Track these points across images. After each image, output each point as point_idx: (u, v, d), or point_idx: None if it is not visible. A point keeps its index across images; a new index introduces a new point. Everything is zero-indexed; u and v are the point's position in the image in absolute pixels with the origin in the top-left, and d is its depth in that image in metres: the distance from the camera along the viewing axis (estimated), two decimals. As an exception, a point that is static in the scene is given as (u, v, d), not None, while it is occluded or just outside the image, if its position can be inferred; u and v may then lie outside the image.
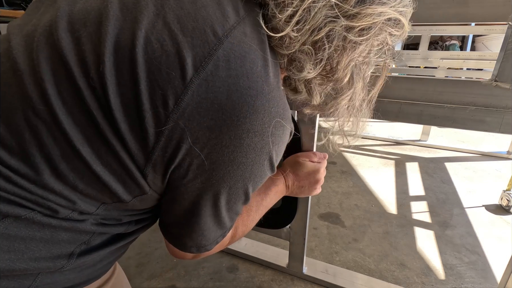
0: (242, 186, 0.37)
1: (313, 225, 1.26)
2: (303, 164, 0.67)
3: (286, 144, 0.40)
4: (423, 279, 0.99)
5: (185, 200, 0.37)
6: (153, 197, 0.37)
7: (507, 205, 1.36)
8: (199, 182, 0.34)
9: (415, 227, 1.25)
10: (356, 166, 1.82)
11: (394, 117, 0.66)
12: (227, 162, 0.33)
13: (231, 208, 0.39)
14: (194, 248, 0.41)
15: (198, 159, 0.32)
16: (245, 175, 0.35)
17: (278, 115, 0.34)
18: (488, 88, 0.56)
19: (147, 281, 0.98)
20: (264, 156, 0.35)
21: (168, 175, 0.34)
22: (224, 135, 0.31)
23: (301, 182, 0.66)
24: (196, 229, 0.39)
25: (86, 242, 0.36)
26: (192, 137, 0.31)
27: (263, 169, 0.37)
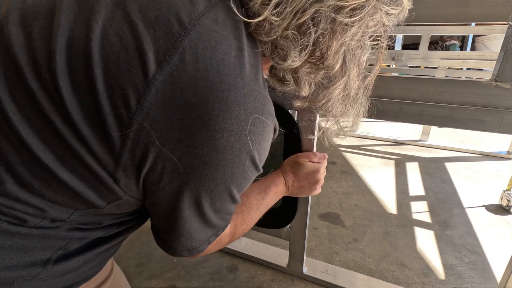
0: (224, 189, 0.34)
1: (313, 225, 1.26)
2: (303, 164, 0.66)
3: (271, 141, 0.38)
4: (423, 279, 0.99)
5: (165, 204, 0.34)
6: (130, 202, 0.34)
7: (507, 205, 1.36)
8: (176, 186, 0.32)
9: (415, 227, 1.25)
10: (356, 166, 1.82)
11: (394, 117, 0.66)
12: (203, 165, 0.31)
13: (218, 210, 0.37)
14: (185, 252, 0.39)
15: (171, 163, 0.30)
16: (225, 177, 0.33)
17: (256, 111, 0.31)
18: (488, 88, 0.56)
19: (147, 281, 0.98)
20: (244, 157, 0.32)
21: (141, 180, 0.31)
22: (196, 136, 0.29)
23: (301, 183, 0.65)
24: (183, 233, 0.36)
25: (63, 247, 0.34)
26: (160, 139, 0.28)
27: (245, 170, 0.34)
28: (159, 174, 0.30)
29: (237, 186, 0.36)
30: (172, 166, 0.30)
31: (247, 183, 0.38)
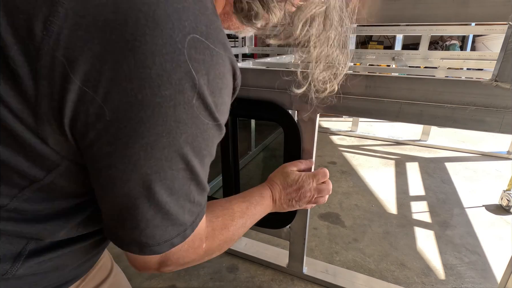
0: (173, 148, 0.27)
1: (313, 225, 1.26)
2: (291, 173, 0.64)
3: (232, 93, 0.31)
4: (423, 279, 0.99)
5: (100, 176, 0.27)
6: (72, 169, 0.28)
7: (507, 205, 1.36)
8: (106, 143, 0.25)
9: (415, 227, 1.25)
10: (356, 166, 1.82)
11: (394, 117, 0.66)
12: (135, 107, 0.24)
13: (173, 189, 0.29)
14: (135, 246, 0.31)
15: (94, 105, 0.23)
16: (168, 125, 0.25)
17: (195, 31, 0.25)
18: (488, 88, 0.56)
19: (147, 281, 0.98)
20: (189, 92, 0.25)
21: (69, 135, 0.25)
22: (120, 64, 0.23)
23: (289, 195, 0.62)
24: (128, 218, 0.29)
25: (34, 240, 0.30)
26: (77, 73, 0.22)
27: (195, 115, 0.27)
28: (84, 124, 0.24)
29: (191, 145, 0.28)
30: (97, 111, 0.24)
31: (205, 140, 0.29)
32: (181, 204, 0.31)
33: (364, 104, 0.68)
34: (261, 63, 1.77)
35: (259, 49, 2.54)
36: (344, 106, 0.70)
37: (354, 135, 2.35)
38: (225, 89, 0.30)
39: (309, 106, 0.73)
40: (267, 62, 1.82)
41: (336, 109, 0.70)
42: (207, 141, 0.30)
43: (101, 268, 0.52)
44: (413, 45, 3.16)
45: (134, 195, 0.28)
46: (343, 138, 2.32)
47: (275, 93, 0.76)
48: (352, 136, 2.35)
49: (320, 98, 0.54)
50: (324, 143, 2.20)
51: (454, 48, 2.95)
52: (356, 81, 0.66)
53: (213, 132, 0.30)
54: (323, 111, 0.72)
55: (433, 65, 1.95)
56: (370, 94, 0.66)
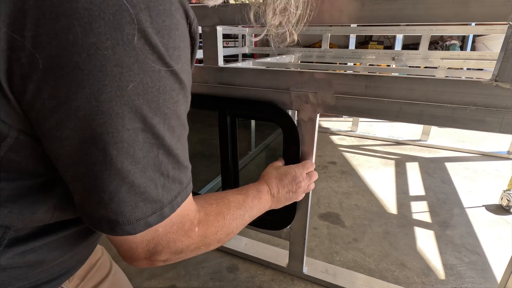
0: (118, 96, 0.23)
1: (313, 225, 1.26)
2: (281, 167, 0.66)
3: (183, 31, 0.28)
4: (423, 279, 0.99)
5: (51, 140, 0.25)
6: (24, 142, 0.26)
7: (507, 205, 1.36)
8: (47, 96, 0.22)
9: (415, 227, 1.25)
10: (356, 166, 1.82)
11: (394, 117, 0.66)
12: (68, 49, 0.21)
13: (134, 155, 0.26)
14: (106, 225, 0.28)
15: (25, 53, 0.21)
16: (108, 69, 0.22)
17: None
18: (488, 88, 0.56)
19: (147, 281, 0.98)
20: (128, 30, 0.22)
21: (8, 93, 0.22)
22: (43, 0, 0.20)
23: (286, 187, 0.63)
24: (91, 190, 0.27)
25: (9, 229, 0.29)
26: (0, 16, 0.20)
27: (139, 57, 0.24)
28: (20, 77, 0.22)
29: (144, 97, 0.25)
30: (29, 59, 0.21)
31: (162, 93, 0.26)
32: (150, 177, 0.28)
33: (364, 104, 0.68)
34: (261, 63, 1.77)
35: (259, 49, 2.54)
36: (344, 106, 0.70)
37: (354, 135, 2.35)
38: (176, 31, 0.26)
39: (309, 106, 0.73)
40: (267, 62, 1.82)
41: (336, 109, 0.70)
42: (164, 94, 0.26)
43: (100, 268, 0.52)
44: (413, 45, 3.16)
45: (91, 161, 0.25)
46: (343, 138, 2.32)
47: (275, 93, 0.76)
48: (352, 136, 2.35)
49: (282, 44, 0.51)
50: (324, 143, 2.20)
51: (454, 48, 2.95)
52: (356, 81, 0.66)
53: (170, 83, 0.27)
54: (323, 111, 0.72)
55: (433, 65, 1.95)
56: (370, 94, 0.66)
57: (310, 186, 0.71)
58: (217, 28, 0.78)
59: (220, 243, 0.44)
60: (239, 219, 0.47)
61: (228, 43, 2.96)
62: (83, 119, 0.23)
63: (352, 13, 0.62)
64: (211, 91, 0.84)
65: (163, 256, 0.34)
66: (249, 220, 0.51)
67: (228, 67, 0.81)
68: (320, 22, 0.65)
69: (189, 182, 0.34)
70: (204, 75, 0.83)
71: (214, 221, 0.41)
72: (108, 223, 0.28)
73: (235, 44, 2.96)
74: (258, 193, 0.55)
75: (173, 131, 0.29)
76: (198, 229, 0.38)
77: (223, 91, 0.82)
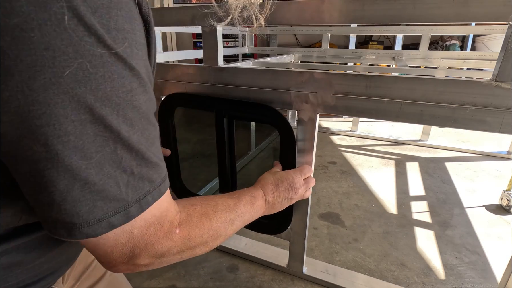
0: (55, 84, 0.21)
1: (313, 225, 1.26)
2: (279, 172, 0.65)
3: (129, 10, 0.25)
4: (423, 279, 0.99)
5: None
6: None
7: (507, 205, 1.36)
8: None
9: (415, 227, 1.25)
10: (356, 166, 1.82)
11: (394, 117, 0.66)
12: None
13: (84, 149, 0.24)
14: (62, 229, 0.26)
15: None
16: (38, 53, 0.20)
17: None
18: (488, 88, 0.56)
19: (147, 281, 0.98)
20: (55, 8, 0.20)
21: None
22: None
23: (282, 193, 0.61)
24: (40, 191, 0.25)
25: None
26: None
27: (72, 39, 0.21)
28: None
29: (86, 85, 0.23)
30: None
31: (107, 80, 0.24)
32: (109, 173, 0.26)
33: (364, 104, 0.67)
34: (261, 63, 1.77)
35: (259, 49, 2.54)
36: (344, 106, 0.70)
37: (354, 135, 2.35)
38: (117, 11, 0.24)
39: (309, 106, 0.73)
40: (267, 62, 1.82)
41: (336, 109, 0.70)
42: (112, 81, 0.24)
43: (96, 267, 0.51)
44: (413, 45, 3.16)
45: (34, 158, 0.23)
46: (343, 138, 2.32)
47: (275, 93, 0.76)
48: (352, 136, 2.35)
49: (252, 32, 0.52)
50: (324, 143, 2.20)
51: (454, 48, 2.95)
52: (356, 81, 0.66)
53: (117, 69, 0.24)
54: (323, 111, 0.72)
55: (433, 65, 1.95)
56: (370, 94, 0.66)
57: (307, 193, 0.69)
58: (217, 28, 0.78)
59: (208, 247, 0.41)
60: (229, 223, 0.45)
61: (228, 43, 2.96)
62: (17, 110, 0.21)
63: (352, 13, 0.62)
64: (211, 91, 0.84)
65: (143, 259, 0.32)
66: (241, 225, 0.49)
67: (228, 67, 0.81)
68: (320, 22, 0.65)
69: (162, 181, 0.32)
70: (204, 75, 0.83)
71: (198, 222, 0.39)
72: (64, 226, 0.26)
73: (235, 44, 2.96)
74: (252, 198, 0.53)
75: (132, 125, 0.26)
76: (179, 231, 0.36)
77: (223, 91, 0.82)
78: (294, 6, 0.67)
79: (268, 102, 0.78)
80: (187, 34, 3.50)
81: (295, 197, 0.64)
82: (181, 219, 0.36)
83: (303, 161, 0.80)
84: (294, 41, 3.46)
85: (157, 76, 0.91)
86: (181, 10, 0.80)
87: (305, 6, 0.66)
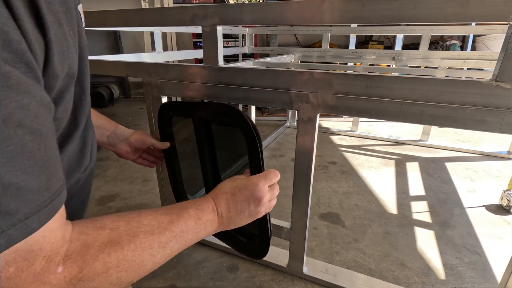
0: None
1: (313, 225, 1.26)
2: (239, 178, 0.52)
3: None
4: (423, 279, 0.99)
5: None
6: None
7: (508, 205, 1.36)
8: None
9: (415, 227, 1.25)
10: (356, 166, 1.82)
11: (394, 117, 0.65)
12: None
13: None
14: None
15: None
16: None
17: None
18: (488, 88, 0.56)
19: (147, 281, 0.98)
20: None
21: None
22: None
23: (239, 205, 0.48)
24: None
25: None
26: None
27: None
28: None
29: None
30: None
31: None
32: None
33: (364, 104, 0.67)
34: (261, 63, 1.77)
35: (259, 49, 2.54)
36: (344, 106, 0.70)
37: (354, 135, 2.35)
38: None
39: (309, 106, 0.73)
40: (267, 62, 1.82)
41: (336, 109, 0.70)
42: None
43: None
44: (413, 45, 3.16)
45: None
46: (343, 138, 2.32)
47: (275, 93, 0.76)
48: (352, 136, 2.35)
49: None
50: (324, 143, 2.20)
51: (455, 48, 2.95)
52: (356, 81, 0.66)
53: None
54: (323, 111, 0.72)
55: (433, 65, 1.95)
56: (370, 94, 0.66)
57: (272, 202, 0.54)
58: (217, 28, 0.78)
59: (122, 283, 0.31)
60: (158, 248, 0.35)
61: (228, 43, 2.96)
62: None
63: (352, 13, 0.62)
64: (211, 91, 0.84)
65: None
66: (182, 247, 0.39)
67: (228, 67, 0.81)
68: (320, 22, 0.65)
69: (32, 213, 0.24)
70: (204, 75, 0.83)
71: (100, 254, 0.29)
72: None
73: (235, 44, 2.96)
74: (198, 212, 0.42)
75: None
76: (63, 269, 0.27)
77: (223, 91, 0.82)
78: (294, 6, 0.67)
79: (268, 102, 0.78)
80: (187, 34, 3.50)
81: (259, 210, 0.50)
82: (69, 252, 0.28)
83: (302, 161, 0.80)
84: (294, 41, 3.46)
85: (157, 76, 0.91)
86: (181, 10, 0.80)
87: (305, 6, 0.66)
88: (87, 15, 0.98)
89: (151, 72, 0.92)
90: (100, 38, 3.63)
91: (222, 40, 0.82)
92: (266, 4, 0.69)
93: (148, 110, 0.99)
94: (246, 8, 0.72)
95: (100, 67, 1.01)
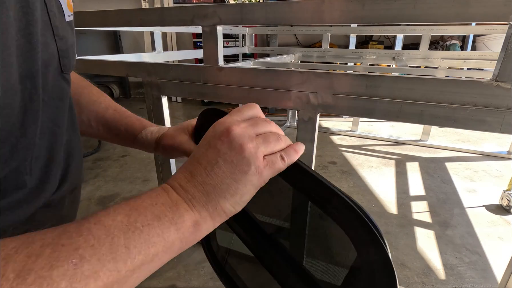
0: None
1: (313, 225, 1.26)
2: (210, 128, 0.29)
3: None
4: (424, 279, 0.99)
5: None
6: None
7: (508, 205, 1.36)
8: None
9: (415, 227, 1.25)
10: (357, 166, 1.82)
11: (394, 117, 0.65)
12: None
13: None
14: None
15: None
16: None
17: None
18: (489, 88, 0.56)
19: (147, 281, 0.98)
20: None
21: None
22: None
23: (203, 159, 0.27)
24: None
25: None
26: None
27: None
28: None
29: None
30: None
31: None
32: None
33: (364, 104, 0.67)
34: (261, 63, 1.77)
35: (259, 49, 2.54)
36: (344, 106, 0.70)
37: (354, 135, 2.35)
38: None
39: (309, 106, 0.73)
40: (267, 62, 1.82)
41: (336, 109, 0.70)
42: None
43: None
44: (413, 45, 3.16)
45: None
46: (343, 138, 2.32)
47: (275, 93, 0.76)
48: (352, 136, 2.35)
49: None
50: (324, 143, 2.20)
51: (455, 48, 2.95)
52: (356, 81, 0.66)
53: None
54: (323, 111, 0.72)
55: (433, 65, 1.94)
56: (370, 94, 0.66)
57: (273, 158, 0.29)
58: (217, 28, 0.78)
59: None
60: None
61: (228, 43, 2.96)
62: None
63: (352, 13, 0.62)
64: (211, 91, 0.84)
65: None
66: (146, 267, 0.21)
67: (228, 67, 0.81)
68: (320, 22, 0.65)
69: None
70: (204, 75, 0.83)
71: None
72: None
73: (235, 44, 2.96)
74: (132, 202, 0.24)
75: None
76: None
77: (223, 91, 0.82)
78: (294, 6, 0.67)
79: (268, 102, 0.78)
80: (187, 34, 3.50)
81: (242, 154, 0.26)
82: None
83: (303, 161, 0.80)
84: (294, 41, 3.46)
85: (157, 76, 0.91)
86: (181, 10, 0.80)
87: (305, 6, 0.66)
88: (87, 15, 0.98)
89: (151, 72, 0.92)
90: (100, 38, 3.64)
91: (222, 40, 0.82)
92: (266, 4, 0.69)
93: (148, 110, 0.99)
94: (246, 8, 0.72)
95: (100, 67, 1.01)
